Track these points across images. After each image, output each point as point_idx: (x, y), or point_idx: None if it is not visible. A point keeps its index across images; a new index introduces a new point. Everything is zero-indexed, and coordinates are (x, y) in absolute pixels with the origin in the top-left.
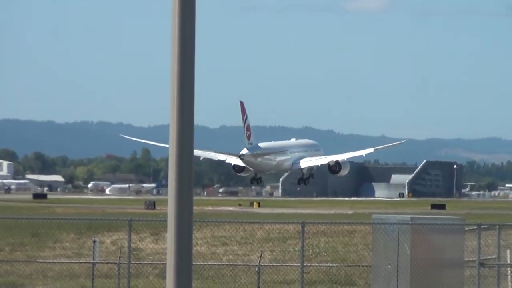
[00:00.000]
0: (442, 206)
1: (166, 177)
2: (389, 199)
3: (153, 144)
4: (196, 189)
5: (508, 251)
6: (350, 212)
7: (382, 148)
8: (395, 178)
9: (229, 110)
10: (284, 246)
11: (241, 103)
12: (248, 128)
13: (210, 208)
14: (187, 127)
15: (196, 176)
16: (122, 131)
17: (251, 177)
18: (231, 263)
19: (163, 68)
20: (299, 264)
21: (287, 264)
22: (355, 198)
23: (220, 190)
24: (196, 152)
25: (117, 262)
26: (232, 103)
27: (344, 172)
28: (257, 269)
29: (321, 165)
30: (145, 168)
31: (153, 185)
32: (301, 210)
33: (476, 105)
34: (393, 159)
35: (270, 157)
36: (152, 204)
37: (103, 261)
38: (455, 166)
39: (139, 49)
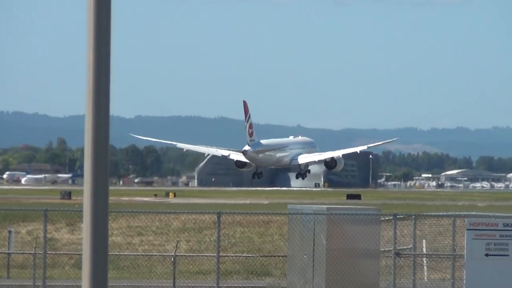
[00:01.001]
0: (357, 196)
1: (81, 167)
2: (305, 189)
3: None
4: (112, 179)
5: (424, 241)
6: (266, 202)
7: (374, 145)
8: (311, 168)
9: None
10: (200, 236)
11: (244, 102)
12: (250, 126)
13: (126, 198)
14: (102, 117)
15: (112, 166)
16: (38, 121)
17: (252, 172)
18: (146, 254)
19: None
20: (215, 254)
21: (203, 254)
22: (271, 188)
23: (136, 180)
24: (201, 148)
25: (32, 252)
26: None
27: (339, 167)
28: (172, 259)
29: (319, 160)
30: (61, 158)
31: (69, 175)
32: (217, 200)
33: (391, 95)
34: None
35: (271, 154)
36: (67, 194)
37: (19, 251)
38: (370, 156)
39: (55, 37)
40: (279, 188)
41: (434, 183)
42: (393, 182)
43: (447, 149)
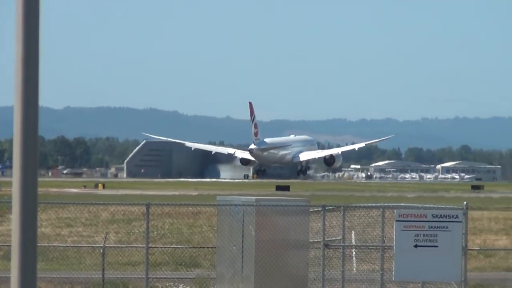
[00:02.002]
0: (286, 188)
1: (10, 158)
2: (234, 181)
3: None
4: (41, 170)
5: (353, 232)
6: (195, 193)
7: (372, 142)
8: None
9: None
10: (129, 227)
11: (250, 104)
12: (255, 126)
13: (55, 189)
14: (31, 108)
15: (41, 157)
16: None
17: (256, 169)
18: (76, 245)
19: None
20: (144, 246)
21: (132, 246)
22: (200, 180)
23: (65, 172)
24: (209, 147)
25: None
26: None
27: (338, 164)
28: (102, 251)
29: (318, 158)
30: None
31: None
32: (146, 192)
33: (320, 86)
34: (239, 140)
35: (275, 152)
36: None
37: None
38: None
39: None
40: (209, 180)
41: (363, 174)
42: (322, 174)
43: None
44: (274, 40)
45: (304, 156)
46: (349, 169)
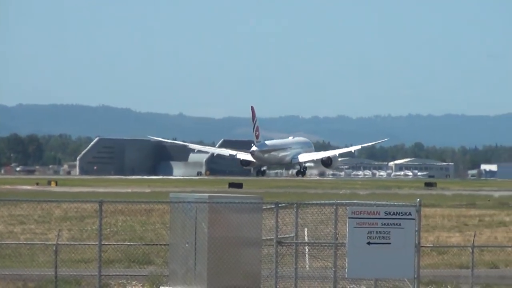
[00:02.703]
0: (239, 185)
1: None
2: (187, 178)
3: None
4: None
5: (305, 229)
6: (148, 190)
7: (368, 145)
8: (193, 156)
9: None
10: (81, 225)
11: (252, 108)
12: (257, 129)
13: (7, 186)
14: None
15: None
16: None
17: (256, 170)
18: (28, 242)
19: None
20: (97, 243)
21: (85, 243)
22: (153, 177)
23: (18, 169)
24: (211, 149)
25: None
26: None
27: (335, 165)
28: (54, 248)
29: (317, 159)
30: None
31: None
32: (99, 189)
33: (273, 83)
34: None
35: (275, 153)
36: None
37: None
38: (252, 144)
39: None
40: (161, 177)
41: (316, 171)
42: (275, 171)
43: (328, 137)
44: (225, 36)
45: (303, 158)
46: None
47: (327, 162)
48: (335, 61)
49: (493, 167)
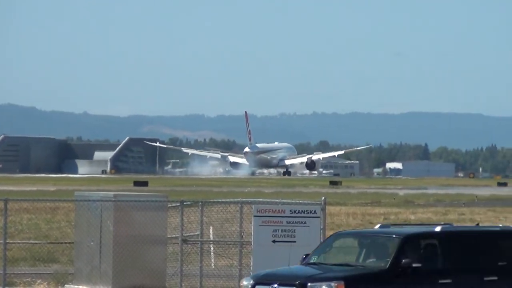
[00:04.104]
0: (145, 183)
1: None
2: (92, 176)
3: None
4: None
5: (211, 227)
6: (53, 189)
7: (351, 151)
8: (98, 155)
9: None
10: None
11: (246, 113)
12: (249, 132)
13: None
14: None
15: None
16: None
17: (251, 171)
18: None
19: None
20: (2, 241)
21: None
22: (59, 175)
23: None
24: (203, 152)
25: None
26: None
27: (318, 168)
28: None
29: (301, 163)
30: None
31: None
32: (3, 187)
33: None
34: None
35: (265, 155)
36: None
37: None
38: (157, 143)
39: None
40: (67, 175)
41: (221, 169)
42: (180, 169)
43: (234, 135)
44: (128, 35)
45: (289, 161)
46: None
47: (311, 165)
48: (240, 60)
49: (398, 165)
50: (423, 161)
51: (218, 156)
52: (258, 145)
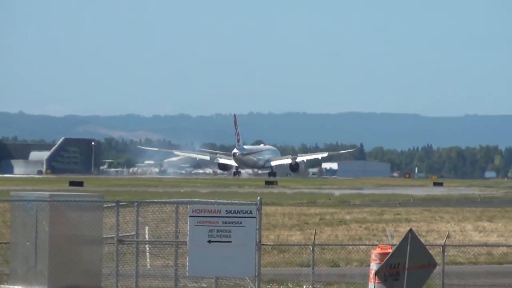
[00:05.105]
0: (80, 183)
1: None
2: (27, 176)
3: None
4: None
5: (146, 227)
6: None
7: (335, 153)
8: (34, 155)
9: None
10: None
11: (235, 116)
12: (238, 135)
13: None
14: None
15: None
16: None
17: (233, 172)
18: None
19: None
20: None
21: None
22: None
23: None
24: (193, 154)
25: None
26: None
27: (301, 169)
28: None
29: (286, 163)
30: None
31: None
32: None
33: (112, 81)
34: (32, 136)
35: (252, 157)
36: None
37: None
38: (93, 143)
39: None
40: (2, 175)
41: (157, 170)
42: (116, 169)
43: (169, 136)
44: (63, 35)
45: (275, 162)
46: (143, 164)
47: (295, 167)
48: (177, 60)
49: (334, 165)
50: (358, 161)
51: (208, 158)
52: (245, 147)
